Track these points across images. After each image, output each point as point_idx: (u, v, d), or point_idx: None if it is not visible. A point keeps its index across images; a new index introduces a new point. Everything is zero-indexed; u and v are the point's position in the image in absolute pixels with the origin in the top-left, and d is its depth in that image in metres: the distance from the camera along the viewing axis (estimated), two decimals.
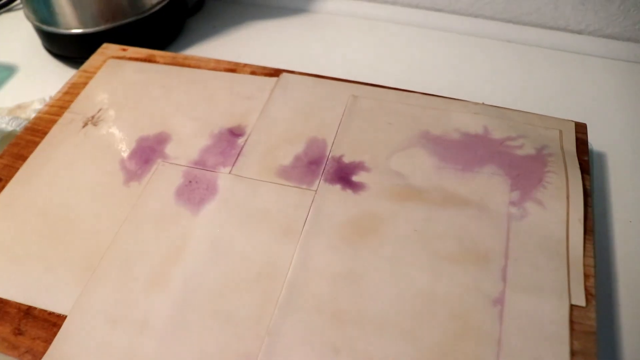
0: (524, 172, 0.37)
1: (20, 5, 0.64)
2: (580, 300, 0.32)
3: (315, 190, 0.37)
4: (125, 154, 0.41)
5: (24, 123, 0.47)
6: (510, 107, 0.43)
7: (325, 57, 0.56)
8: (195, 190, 0.38)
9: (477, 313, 0.31)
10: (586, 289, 0.32)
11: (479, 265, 0.33)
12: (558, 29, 0.57)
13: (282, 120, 0.42)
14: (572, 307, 0.31)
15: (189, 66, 0.48)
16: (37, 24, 0.54)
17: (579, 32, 0.56)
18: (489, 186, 0.37)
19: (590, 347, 0.30)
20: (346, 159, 0.39)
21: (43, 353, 0.31)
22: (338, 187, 0.37)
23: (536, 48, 0.55)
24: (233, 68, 0.48)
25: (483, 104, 0.43)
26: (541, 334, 0.30)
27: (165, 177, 0.39)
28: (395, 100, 0.43)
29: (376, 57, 0.56)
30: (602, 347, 0.34)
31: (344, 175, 0.38)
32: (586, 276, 0.33)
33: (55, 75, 0.55)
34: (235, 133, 0.41)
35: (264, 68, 0.47)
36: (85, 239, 0.36)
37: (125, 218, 0.37)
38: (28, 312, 0.33)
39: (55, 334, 0.32)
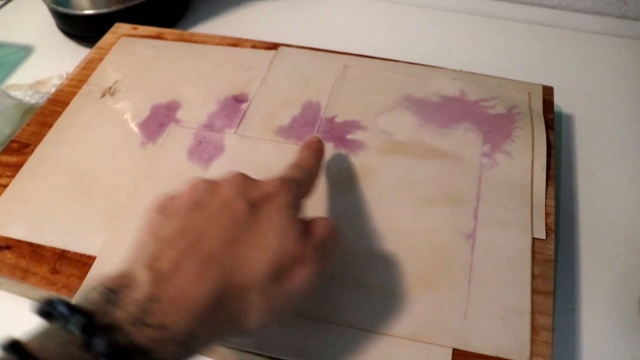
0: (495, 128, 0.42)
1: None
2: (541, 234, 0.37)
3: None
4: (140, 120, 0.45)
5: (46, 96, 0.52)
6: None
7: (318, 32, 0.60)
8: (204, 149, 0.43)
9: (452, 245, 0.36)
10: (547, 225, 0.37)
11: (454, 206, 0.38)
12: (534, 4, 0.61)
13: (280, 88, 0.47)
14: (534, 240, 0.36)
15: (195, 42, 0.53)
16: (52, 5, 0.58)
17: (554, 7, 0.61)
18: (464, 140, 0.42)
19: (548, 272, 0.35)
20: (338, 119, 0.44)
21: (77, 288, 0.36)
22: (331, 144, 0.42)
23: (514, 22, 0.60)
24: (235, 43, 0.52)
25: (461, 70, 0.47)
26: (507, 262, 0.35)
27: (177, 139, 0.44)
28: (382, 68, 0.48)
29: (365, 31, 0.60)
30: (563, 276, 0.39)
31: (338, 134, 0.43)
32: (547, 214, 0.38)
33: (69, 54, 0.60)
34: (238, 99, 0.46)
35: (264, 42, 0.52)
36: (108, 192, 0.41)
37: (143, 174, 0.41)
38: (62, 255, 0.38)
39: (87, 271, 0.37)
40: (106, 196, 0.40)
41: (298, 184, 0.31)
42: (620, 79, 0.53)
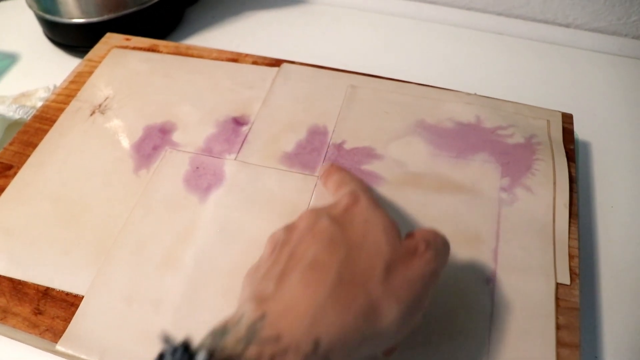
0: (514, 160, 0.40)
1: None
2: (565, 278, 0.34)
3: (318, 176, 0.39)
4: (133, 142, 0.42)
5: (31, 111, 0.49)
6: (501, 97, 0.45)
7: (323, 47, 0.58)
8: (202, 176, 0.40)
9: (471, 291, 0.33)
10: (571, 269, 0.35)
11: (473, 247, 0.35)
12: (547, 22, 0.59)
13: (284, 109, 0.44)
14: (558, 285, 0.34)
15: (191, 56, 0.50)
16: (40, 12, 0.55)
17: (567, 26, 0.58)
18: (481, 173, 0.39)
19: (573, 322, 0.32)
20: (347, 146, 0.41)
21: (62, 331, 0.33)
22: None
23: (526, 40, 0.58)
24: (235, 58, 0.49)
25: (475, 94, 0.45)
26: (529, 309, 0.33)
27: (173, 164, 0.40)
28: (392, 90, 0.45)
29: (372, 47, 0.58)
30: (585, 321, 0.36)
31: (348, 163, 0.40)
32: (571, 257, 0.35)
33: (57, 64, 0.57)
34: (239, 121, 0.43)
35: (265, 58, 0.49)
36: (97, 222, 0.38)
37: (136, 203, 0.38)
38: (46, 293, 0.35)
39: (73, 313, 0.33)
40: (95, 227, 0.37)
41: (366, 191, 0.30)
42: (638, 104, 0.51)
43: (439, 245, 0.28)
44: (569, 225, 0.37)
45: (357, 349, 0.23)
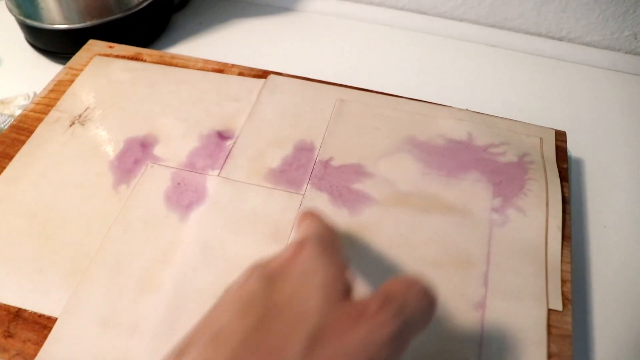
0: (506, 179, 0.38)
1: None
2: (557, 304, 0.33)
3: (303, 195, 0.38)
4: (113, 155, 0.41)
5: (9, 120, 0.47)
6: (493, 111, 0.44)
7: (311, 57, 0.56)
8: (184, 193, 0.38)
9: (460, 317, 0.32)
10: (563, 294, 0.34)
11: (462, 270, 0.34)
12: (540, 34, 0.58)
13: (270, 123, 0.43)
14: (550, 312, 0.33)
15: (176, 65, 0.48)
16: (21, 17, 0.53)
17: (560, 39, 0.58)
18: (472, 193, 0.38)
19: (566, 350, 0.31)
20: (335, 163, 0.40)
21: (34, 355, 0.31)
22: (325, 195, 0.38)
23: (518, 53, 0.57)
24: (221, 68, 0.48)
25: (467, 110, 0.44)
26: (520, 337, 0.32)
27: (154, 179, 0.39)
28: (382, 105, 0.44)
29: (361, 58, 0.56)
30: (577, 348, 0.35)
31: (334, 182, 0.38)
32: (563, 281, 0.34)
33: (38, 70, 0.55)
34: (223, 135, 0.42)
35: (252, 69, 0.48)
36: (74, 240, 0.36)
37: (114, 221, 0.37)
38: (18, 315, 0.33)
39: (46, 336, 0.32)
40: (71, 245, 0.36)
41: (322, 237, 0.25)
42: (631, 120, 0.50)
43: (410, 298, 0.22)
44: (562, 248, 0.36)
45: None
